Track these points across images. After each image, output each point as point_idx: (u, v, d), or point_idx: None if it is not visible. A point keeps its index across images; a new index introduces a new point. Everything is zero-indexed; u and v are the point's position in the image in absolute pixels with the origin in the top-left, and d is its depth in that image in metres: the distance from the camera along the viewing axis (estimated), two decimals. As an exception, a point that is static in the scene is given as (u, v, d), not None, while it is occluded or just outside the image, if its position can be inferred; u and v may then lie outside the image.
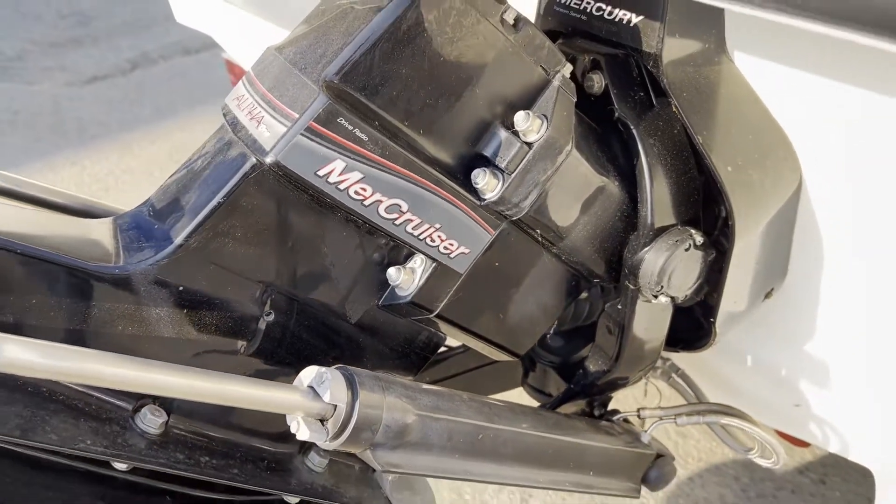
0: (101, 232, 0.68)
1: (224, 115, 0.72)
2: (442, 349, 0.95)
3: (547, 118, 0.71)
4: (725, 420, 0.98)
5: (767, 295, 0.93)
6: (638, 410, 1.00)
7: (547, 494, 1.67)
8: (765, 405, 1.13)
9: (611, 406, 1.03)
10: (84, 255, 0.62)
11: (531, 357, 1.03)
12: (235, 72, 2.26)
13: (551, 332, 0.98)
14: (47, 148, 3.03)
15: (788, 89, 0.78)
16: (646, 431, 0.97)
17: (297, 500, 0.82)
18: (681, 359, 1.16)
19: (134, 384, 0.56)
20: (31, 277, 0.61)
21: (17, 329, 0.61)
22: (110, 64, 3.66)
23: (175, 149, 3.05)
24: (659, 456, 0.97)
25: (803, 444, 1.44)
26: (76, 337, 0.63)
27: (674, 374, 1.09)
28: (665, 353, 1.12)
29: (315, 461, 0.80)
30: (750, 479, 1.69)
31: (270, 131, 0.65)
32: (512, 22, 0.69)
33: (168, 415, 0.69)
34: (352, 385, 0.66)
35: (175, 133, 3.15)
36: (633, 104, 0.79)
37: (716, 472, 1.70)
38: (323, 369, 0.66)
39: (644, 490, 0.98)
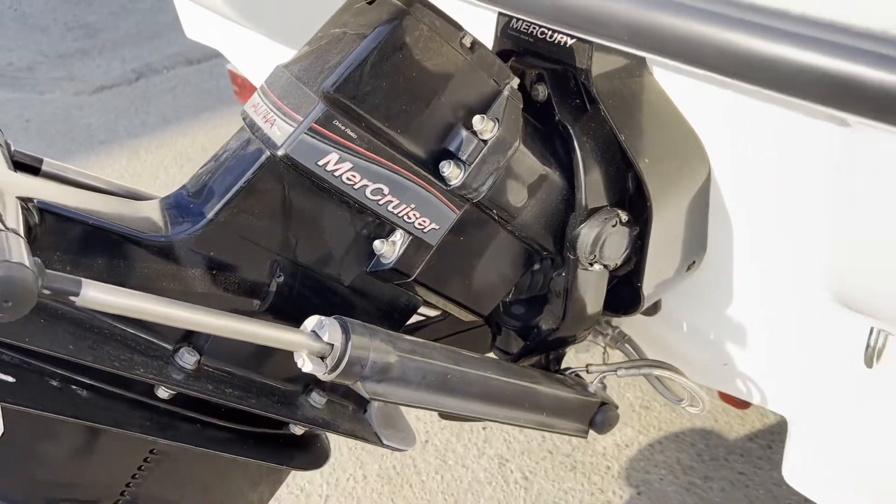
0: (151, 210, 0.86)
1: (243, 119, 0.91)
2: (420, 318, 1.14)
3: (498, 121, 0.90)
4: (658, 372, 1.17)
5: (690, 267, 1.12)
6: (587, 366, 1.19)
7: (524, 461, 1.85)
8: (701, 366, 1.32)
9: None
10: (140, 227, 0.81)
11: (498, 323, 1.22)
12: (238, 81, 2.45)
13: (513, 299, 1.17)
14: (59, 153, 3.21)
15: (695, 95, 0.97)
16: (592, 383, 1.16)
17: (303, 431, 1.01)
18: (631, 329, 1.35)
19: (179, 321, 0.75)
20: (100, 244, 0.79)
21: (88, 283, 0.79)
22: (116, 74, 3.86)
23: (179, 153, 3.24)
24: (603, 404, 1.16)
25: (744, 405, 1.63)
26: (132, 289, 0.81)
27: (621, 340, 1.29)
28: (615, 322, 1.32)
29: (316, 399, 0.99)
30: (705, 445, 1.88)
31: (281, 131, 0.84)
32: (469, 45, 0.88)
33: (200, 355, 0.87)
34: (346, 330, 0.85)
35: (179, 139, 3.34)
36: (570, 109, 0.98)
37: (674, 440, 1.89)
38: (323, 317, 0.85)
39: (613, 459, 1.17)
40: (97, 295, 0.69)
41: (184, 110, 3.55)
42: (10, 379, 0.77)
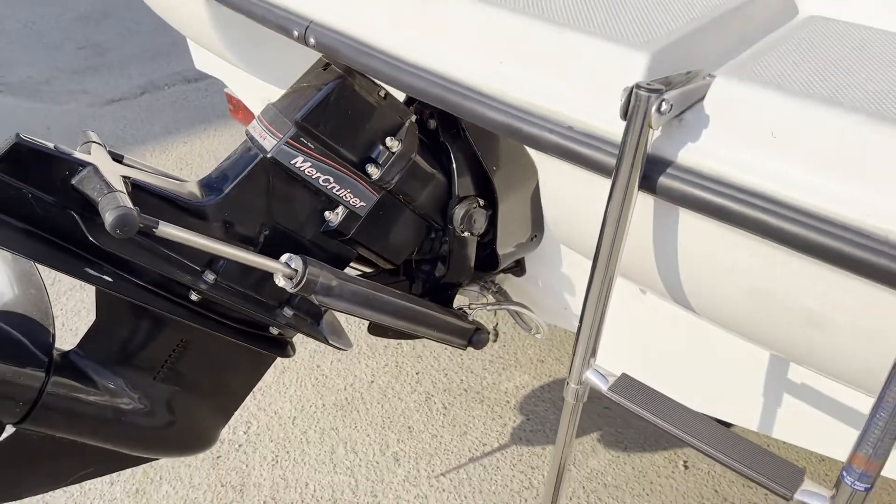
0: (192, 187, 1.45)
1: (247, 135, 1.50)
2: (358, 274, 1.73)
3: (401, 140, 1.50)
4: (514, 308, 1.77)
5: (534, 239, 1.72)
6: (469, 304, 1.79)
7: (445, 396, 2.43)
8: (555, 312, 1.92)
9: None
10: (186, 197, 1.39)
11: (412, 277, 1.81)
12: (233, 102, 3.02)
13: (419, 258, 1.76)
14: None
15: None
16: (469, 314, 1.75)
17: (277, 332, 1.58)
18: (511, 287, 1.95)
19: (207, 248, 1.32)
20: (164, 205, 1.37)
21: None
22: (124, 89, 4.42)
23: (179, 158, 3.81)
24: (478, 329, 1.75)
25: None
26: (180, 233, 1.39)
27: (499, 292, 1.88)
28: (497, 281, 1.92)
29: (287, 312, 1.56)
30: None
31: (269, 143, 1.43)
32: (383, 95, 1.48)
33: (217, 275, 1.45)
34: (306, 263, 1.43)
35: (179, 146, 3.91)
36: (450, 135, 1.58)
37: (559, 384, 2.48)
38: (292, 255, 1.43)
39: (512, 396, 1.76)
40: (166, 229, 1.28)
41: (183, 122, 4.12)
42: (108, 279, 1.35)
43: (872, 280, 0.93)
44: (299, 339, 1.66)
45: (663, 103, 0.99)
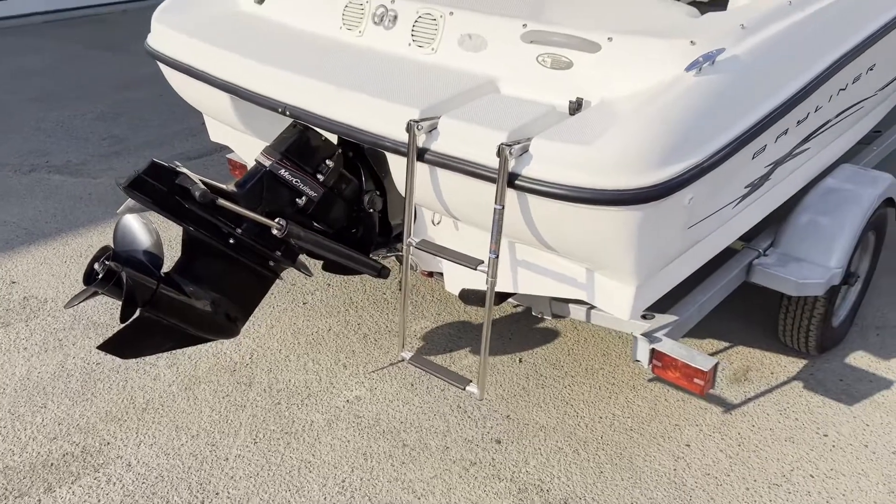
0: (231, 186, 2.88)
1: (255, 160, 2.94)
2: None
3: (334, 161, 2.96)
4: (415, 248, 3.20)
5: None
6: (382, 257, 3.21)
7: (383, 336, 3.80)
8: (425, 259, 3.33)
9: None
10: (229, 189, 2.82)
11: (344, 236, 3.23)
12: (233, 164, 4.45)
13: (347, 225, 3.18)
14: (112, 213, 5.15)
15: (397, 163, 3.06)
16: (380, 259, 3.17)
17: (272, 264, 2.98)
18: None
19: (240, 212, 2.74)
20: (220, 192, 2.79)
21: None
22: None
23: (189, 212, 5.22)
24: (384, 268, 3.16)
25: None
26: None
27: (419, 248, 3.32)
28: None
29: (278, 254, 2.97)
30: (472, 327, 3.87)
31: (268, 162, 2.88)
32: (323, 138, 2.96)
33: (242, 230, 2.86)
34: (287, 221, 2.85)
35: (187, 204, 5.32)
36: (360, 157, 3.05)
37: (476, 328, 3.88)
38: (281, 219, 2.85)
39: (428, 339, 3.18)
40: (220, 201, 2.70)
41: (188, 187, 5.56)
42: (192, 229, 2.75)
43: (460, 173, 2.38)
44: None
45: (426, 124, 2.47)
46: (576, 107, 2.48)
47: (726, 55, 2.42)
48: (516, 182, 2.32)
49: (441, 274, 3.19)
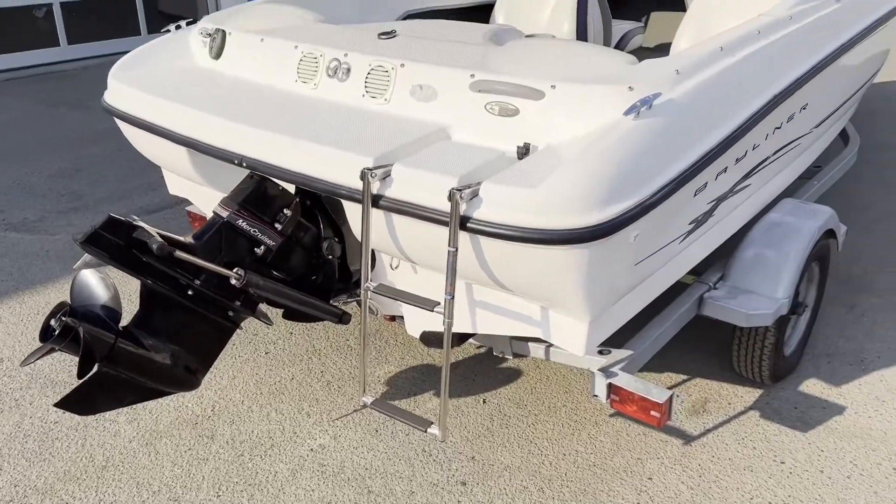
0: (189, 238, 2.90)
1: (213, 211, 2.98)
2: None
3: (292, 210, 3.01)
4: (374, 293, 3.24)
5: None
6: (342, 301, 3.24)
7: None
8: (386, 304, 3.37)
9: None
10: (187, 240, 2.85)
11: (303, 284, 3.26)
12: (192, 216, 4.47)
13: (306, 272, 3.22)
14: (69, 270, 5.11)
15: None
16: (340, 305, 3.20)
17: (232, 314, 2.99)
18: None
19: (199, 264, 2.77)
20: (177, 244, 2.81)
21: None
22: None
23: (149, 265, 5.20)
24: (345, 313, 3.19)
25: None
26: (183, 260, 2.84)
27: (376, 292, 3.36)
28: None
29: (237, 303, 2.98)
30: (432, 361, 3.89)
31: (225, 213, 2.92)
32: (280, 188, 3.01)
33: (200, 281, 2.88)
34: (246, 271, 2.88)
35: (148, 257, 5.30)
36: (318, 205, 3.10)
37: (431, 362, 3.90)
38: (240, 269, 2.88)
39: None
40: (178, 253, 2.72)
41: (149, 241, 5.54)
42: (149, 281, 2.76)
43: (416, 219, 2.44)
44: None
45: (380, 172, 2.54)
46: (524, 152, 2.58)
47: (662, 99, 2.54)
48: (468, 224, 2.39)
49: (402, 318, 3.23)
